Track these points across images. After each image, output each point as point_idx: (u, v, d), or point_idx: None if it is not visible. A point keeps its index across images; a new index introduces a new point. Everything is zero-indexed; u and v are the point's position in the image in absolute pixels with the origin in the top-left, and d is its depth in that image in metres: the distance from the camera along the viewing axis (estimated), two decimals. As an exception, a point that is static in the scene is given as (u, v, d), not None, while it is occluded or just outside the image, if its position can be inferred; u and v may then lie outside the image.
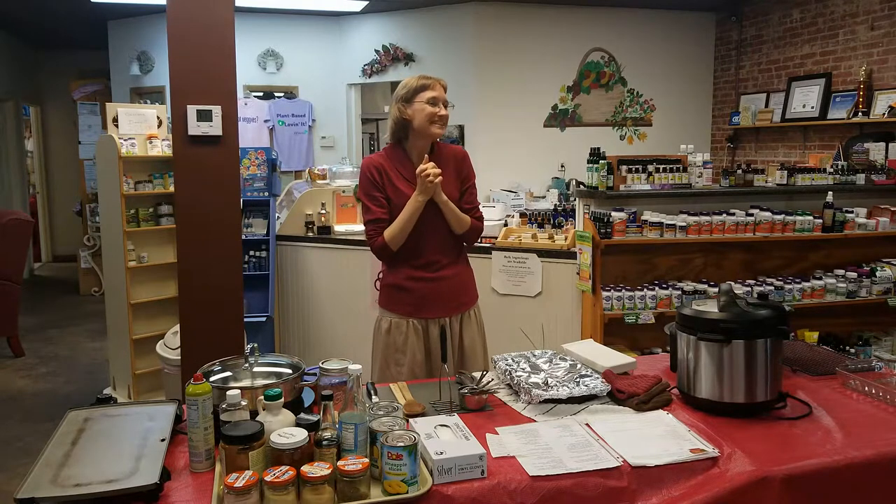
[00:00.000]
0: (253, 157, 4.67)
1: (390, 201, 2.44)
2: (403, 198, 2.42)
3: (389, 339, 2.48)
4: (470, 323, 2.58)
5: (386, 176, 2.45)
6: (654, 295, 3.60)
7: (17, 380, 5.04)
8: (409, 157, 2.50)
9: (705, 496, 1.53)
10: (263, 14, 6.92)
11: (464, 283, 2.58)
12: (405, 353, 2.46)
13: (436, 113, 2.41)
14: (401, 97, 2.43)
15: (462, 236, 2.53)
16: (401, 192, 2.43)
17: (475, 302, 2.63)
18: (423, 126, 2.42)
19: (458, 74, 6.64)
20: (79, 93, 8.18)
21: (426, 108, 2.40)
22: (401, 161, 2.48)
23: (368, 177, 2.45)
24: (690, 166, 3.77)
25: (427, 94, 2.41)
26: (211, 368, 1.84)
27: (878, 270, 3.84)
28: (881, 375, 2.07)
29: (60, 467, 1.49)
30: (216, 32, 3.20)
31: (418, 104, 2.41)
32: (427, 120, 2.41)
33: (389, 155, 2.50)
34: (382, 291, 2.56)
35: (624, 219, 3.58)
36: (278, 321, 4.76)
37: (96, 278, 7.45)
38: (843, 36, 5.81)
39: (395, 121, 2.46)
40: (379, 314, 2.56)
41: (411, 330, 2.47)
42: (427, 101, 2.40)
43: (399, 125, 2.46)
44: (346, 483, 1.43)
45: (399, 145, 2.51)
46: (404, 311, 2.49)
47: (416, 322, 2.48)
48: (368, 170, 2.46)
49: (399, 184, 2.45)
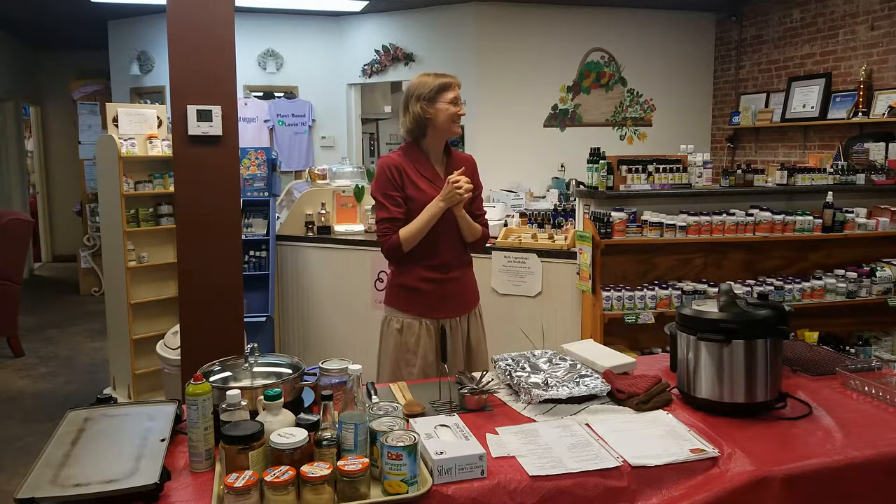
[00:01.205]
0: (253, 157, 4.67)
1: (409, 200, 2.44)
2: (424, 196, 2.43)
3: (401, 339, 2.48)
4: (476, 322, 2.62)
5: (406, 175, 2.45)
6: (654, 295, 3.60)
7: (17, 380, 5.04)
8: (426, 156, 2.51)
9: (705, 496, 1.53)
10: (263, 14, 6.92)
11: (471, 284, 2.63)
12: (417, 354, 2.46)
13: (458, 112, 2.45)
14: (423, 96, 2.43)
15: (472, 244, 2.57)
16: (422, 190, 2.44)
17: (479, 301, 2.66)
18: (446, 125, 2.45)
19: (458, 74, 6.47)
20: (79, 93, 8.18)
21: (450, 108, 2.43)
22: (419, 160, 2.49)
23: (388, 175, 2.44)
24: (690, 166, 3.77)
25: (449, 94, 2.43)
26: (211, 368, 1.84)
27: (878, 270, 3.84)
28: (881, 375, 2.07)
29: (60, 467, 1.49)
30: (216, 32, 3.19)
31: (442, 104, 2.42)
32: (450, 119, 2.44)
33: (407, 154, 2.50)
34: (392, 292, 2.55)
35: (624, 219, 3.58)
36: (278, 321, 4.76)
37: (96, 278, 7.45)
38: (843, 36, 5.81)
39: (415, 119, 2.45)
40: (387, 314, 2.55)
41: (424, 330, 2.48)
42: (450, 102, 2.43)
43: (419, 124, 2.46)
44: (346, 483, 1.43)
45: (416, 144, 2.51)
46: (418, 311, 2.49)
47: (429, 322, 2.49)
48: (388, 169, 2.45)
49: (420, 183, 2.45)
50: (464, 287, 2.58)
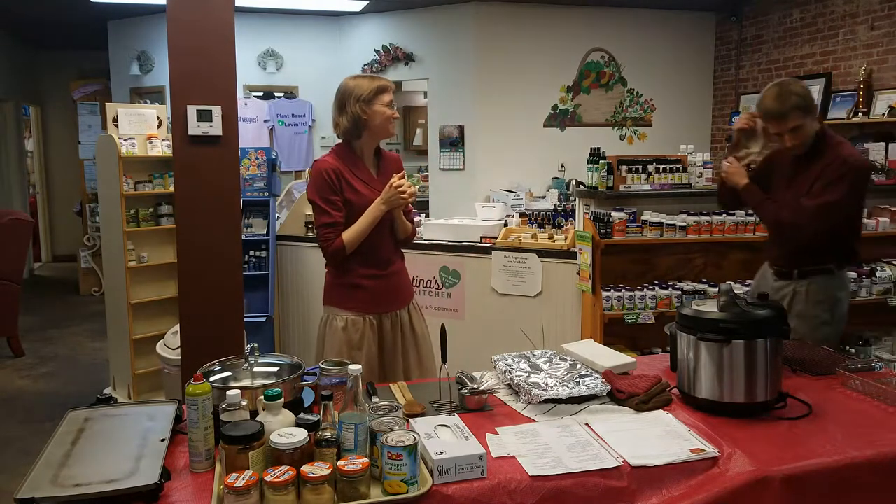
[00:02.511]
0: (253, 157, 4.67)
1: (348, 203, 2.48)
2: (361, 199, 2.48)
3: (346, 336, 2.52)
4: (416, 313, 2.70)
5: (343, 178, 2.48)
6: (654, 295, 3.60)
7: (17, 380, 5.04)
8: (360, 158, 2.56)
9: (705, 496, 1.53)
10: (263, 14, 6.91)
11: (407, 278, 2.72)
12: (362, 349, 2.51)
13: (393, 115, 2.50)
14: (361, 97, 2.46)
15: (404, 241, 2.66)
16: (360, 193, 2.49)
17: (414, 295, 2.76)
18: (382, 127, 2.50)
19: (458, 74, 6.64)
20: (79, 93, 8.18)
21: (386, 111, 2.48)
22: (353, 162, 2.53)
23: (326, 180, 2.47)
24: (690, 166, 3.78)
25: (385, 97, 2.48)
26: (211, 368, 1.84)
27: (878, 270, 3.84)
28: (881, 375, 2.07)
29: (60, 467, 1.49)
30: (216, 32, 3.19)
31: (378, 106, 2.47)
32: (386, 121, 2.50)
33: (341, 156, 2.53)
34: (332, 291, 2.61)
35: (624, 219, 3.58)
36: (278, 321, 4.76)
37: (96, 278, 7.45)
38: (843, 36, 5.81)
39: (352, 120, 2.48)
40: (327, 314, 2.60)
41: (367, 326, 2.54)
42: (386, 104, 2.48)
43: (356, 124, 2.49)
44: (346, 483, 1.43)
45: (348, 145, 2.55)
46: (361, 307, 2.54)
47: (372, 318, 2.55)
48: (325, 173, 2.47)
49: (357, 185, 2.50)
50: (403, 281, 2.67)
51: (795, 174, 2.64)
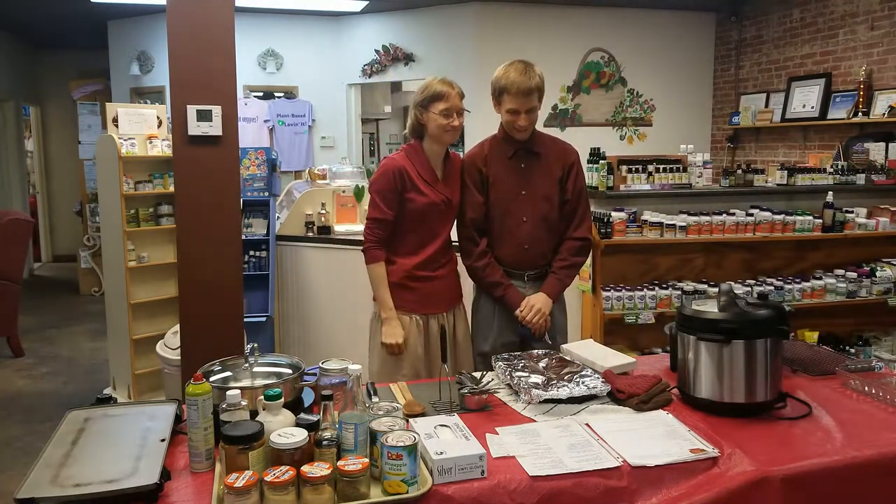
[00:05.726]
0: (253, 157, 4.67)
1: (408, 202, 2.48)
2: (424, 199, 2.48)
3: None
4: (461, 318, 2.67)
5: (408, 178, 2.49)
6: (654, 295, 3.60)
7: (17, 380, 5.03)
8: (427, 158, 2.55)
9: (705, 496, 1.53)
10: (263, 14, 6.92)
11: (456, 282, 2.68)
12: (406, 348, 2.49)
13: (447, 125, 2.45)
14: (418, 102, 2.48)
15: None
16: (423, 193, 2.49)
17: (462, 299, 2.72)
18: (436, 134, 2.49)
19: (458, 74, 6.57)
20: (79, 93, 8.17)
21: (439, 119, 2.45)
22: (421, 163, 2.53)
23: (391, 177, 2.48)
24: (690, 166, 3.78)
25: (440, 105, 2.44)
26: (211, 368, 1.84)
27: (878, 270, 3.84)
28: (881, 375, 2.07)
29: (60, 467, 1.49)
30: (216, 32, 3.19)
31: (432, 114, 2.46)
32: (441, 130, 2.47)
33: (410, 156, 2.54)
34: None
35: (624, 219, 3.58)
36: (278, 321, 4.76)
37: (96, 278, 7.45)
38: (843, 36, 5.81)
39: (413, 122, 2.53)
40: (376, 310, 2.58)
41: (413, 325, 2.52)
42: (440, 113, 2.44)
43: (415, 126, 2.53)
44: (346, 483, 1.43)
45: (419, 144, 2.57)
46: (408, 307, 2.53)
47: (419, 318, 2.53)
48: (392, 171, 2.48)
49: (420, 185, 2.50)
50: (451, 284, 2.64)
51: (523, 169, 2.60)
